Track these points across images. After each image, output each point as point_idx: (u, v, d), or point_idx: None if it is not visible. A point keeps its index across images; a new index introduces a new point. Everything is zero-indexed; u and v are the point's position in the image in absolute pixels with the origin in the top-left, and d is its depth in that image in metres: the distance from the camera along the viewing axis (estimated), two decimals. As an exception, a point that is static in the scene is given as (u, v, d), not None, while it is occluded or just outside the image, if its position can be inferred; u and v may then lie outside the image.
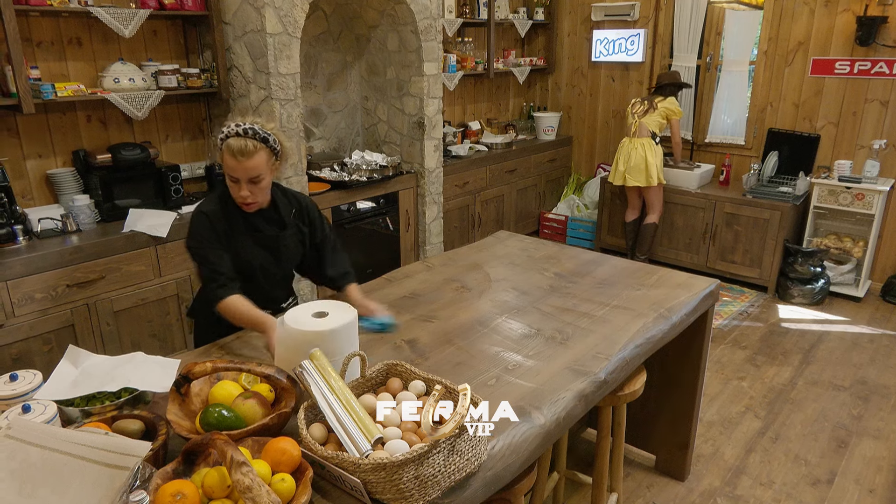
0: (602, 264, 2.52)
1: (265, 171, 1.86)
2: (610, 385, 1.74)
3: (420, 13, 3.96)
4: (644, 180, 4.58)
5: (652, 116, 4.53)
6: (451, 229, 4.78)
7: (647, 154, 4.53)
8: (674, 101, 4.55)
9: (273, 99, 3.27)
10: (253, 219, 1.98)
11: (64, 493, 1.08)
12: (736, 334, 3.97)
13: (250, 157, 1.79)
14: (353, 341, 1.58)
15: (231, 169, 1.83)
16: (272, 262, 2.03)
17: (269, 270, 2.04)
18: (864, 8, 4.17)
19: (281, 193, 2.06)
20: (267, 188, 1.93)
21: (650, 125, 4.53)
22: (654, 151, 4.54)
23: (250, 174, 1.82)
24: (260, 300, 1.90)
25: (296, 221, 2.08)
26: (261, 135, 1.82)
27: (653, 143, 4.54)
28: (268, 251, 2.01)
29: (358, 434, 1.22)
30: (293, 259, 2.11)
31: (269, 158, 1.86)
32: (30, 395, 1.41)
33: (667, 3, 5.09)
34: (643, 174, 4.57)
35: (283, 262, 2.07)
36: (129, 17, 2.95)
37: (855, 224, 4.45)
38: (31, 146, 3.03)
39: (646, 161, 4.54)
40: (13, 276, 2.60)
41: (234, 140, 1.79)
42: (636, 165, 4.58)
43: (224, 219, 1.94)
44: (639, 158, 4.56)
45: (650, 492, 2.60)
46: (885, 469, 2.72)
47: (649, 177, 4.56)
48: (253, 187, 1.86)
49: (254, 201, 1.90)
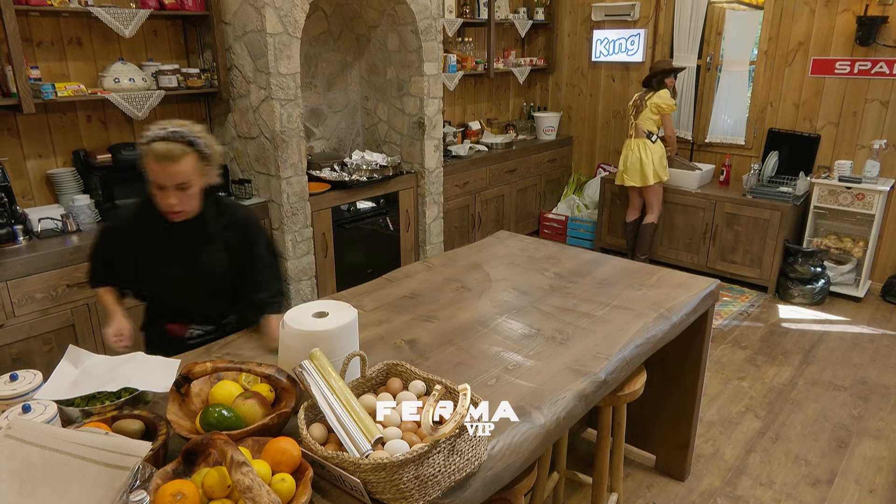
0: (602, 264, 2.52)
1: (194, 176, 1.72)
2: (610, 385, 1.74)
3: (420, 13, 3.96)
4: (639, 180, 4.60)
5: (644, 115, 4.52)
6: (451, 229, 4.78)
7: (641, 154, 4.55)
8: (663, 95, 4.46)
9: (273, 99, 3.27)
10: (176, 229, 1.83)
11: (64, 493, 1.08)
12: (736, 334, 3.97)
13: (177, 161, 1.66)
14: (353, 341, 1.58)
15: (156, 175, 1.68)
16: (189, 277, 1.88)
17: (185, 286, 1.89)
18: (865, 8, 4.17)
19: (213, 204, 1.89)
20: (196, 195, 1.78)
21: (645, 124, 4.53)
22: (648, 151, 4.53)
23: (177, 180, 1.69)
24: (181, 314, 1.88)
25: (225, 236, 1.90)
26: (188, 138, 1.69)
27: (648, 142, 4.53)
28: (185, 266, 1.87)
29: (358, 434, 1.22)
30: (216, 275, 1.92)
31: (199, 163, 1.73)
32: (30, 395, 1.41)
33: (667, 3, 5.09)
34: (638, 174, 4.59)
35: (204, 278, 1.90)
36: (129, 17, 2.95)
37: (855, 224, 4.45)
38: (31, 146, 3.03)
39: (640, 161, 4.55)
40: (13, 276, 2.60)
41: (159, 144, 1.66)
42: (632, 166, 4.62)
43: (141, 229, 1.82)
44: (634, 159, 4.59)
45: (650, 492, 2.60)
46: (885, 469, 2.72)
47: (644, 177, 4.57)
48: (181, 195, 1.72)
49: (181, 209, 1.76)
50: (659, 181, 4.61)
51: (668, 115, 4.51)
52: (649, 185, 4.59)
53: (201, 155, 1.72)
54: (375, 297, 2.18)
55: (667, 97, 4.46)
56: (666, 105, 4.45)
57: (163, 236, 1.84)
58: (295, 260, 3.58)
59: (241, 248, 1.93)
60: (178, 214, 1.77)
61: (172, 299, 1.94)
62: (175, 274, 1.86)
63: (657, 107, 4.46)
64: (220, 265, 1.91)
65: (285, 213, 3.46)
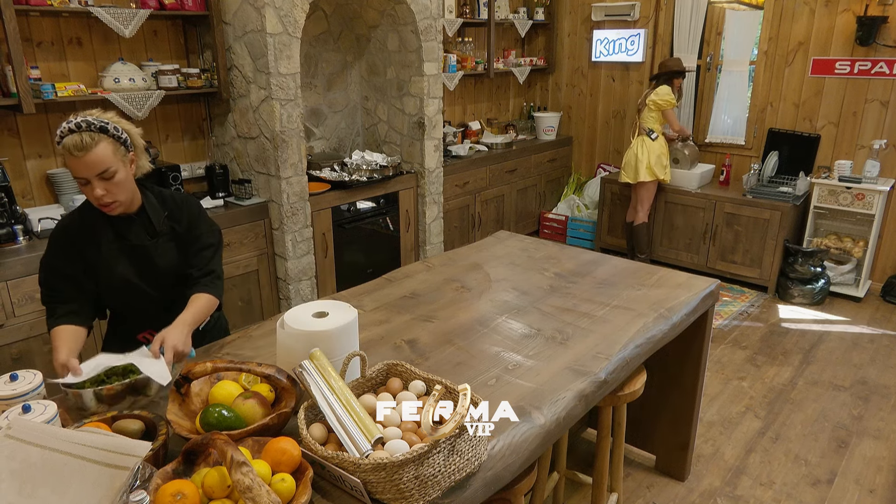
0: (602, 264, 2.52)
1: (114, 163, 1.65)
2: (610, 385, 1.74)
3: (420, 13, 3.96)
4: (632, 177, 4.64)
5: (644, 113, 4.54)
6: (451, 229, 4.78)
7: (637, 151, 4.58)
8: (661, 92, 4.44)
9: (273, 99, 3.27)
10: (119, 226, 1.79)
11: (64, 493, 1.08)
12: (736, 334, 3.97)
13: (89, 150, 1.60)
14: (353, 341, 1.58)
15: (74, 170, 1.62)
16: (140, 276, 1.82)
17: (139, 286, 1.83)
18: (865, 8, 4.17)
19: (153, 196, 1.84)
20: (126, 184, 1.71)
21: (646, 122, 4.54)
22: (644, 148, 4.54)
23: (96, 169, 1.62)
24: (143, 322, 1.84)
25: (169, 224, 1.85)
26: (96, 125, 1.63)
27: (647, 139, 4.54)
28: (135, 264, 1.81)
29: (358, 434, 1.22)
30: (170, 270, 1.85)
31: (116, 149, 1.66)
32: (30, 395, 1.41)
33: (667, 3, 5.09)
34: (632, 170, 4.62)
35: (158, 276, 1.84)
36: (129, 17, 2.95)
37: (855, 224, 4.45)
38: (31, 146, 3.03)
39: (636, 157, 4.58)
40: (13, 275, 2.60)
41: (69, 138, 1.60)
42: (628, 162, 4.66)
43: (88, 229, 1.77)
44: (631, 156, 4.63)
45: (650, 492, 2.60)
46: (885, 469, 2.72)
47: (636, 173, 4.59)
48: (107, 184, 1.65)
49: (113, 200, 1.69)
50: (654, 179, 4.59)
51: (669, 110, 4.49)
52: (640, 181, 4.60)
53: (115, 140, 1.67)
54: (375, 297, 2.18)
55: (665, 93, 4.44)
56: (663, 101, 4.43)
57: (112, 234, 1.79)
58: (295, 260, 3.58)
59: (186, 233, 1.87)
60: (112, 207, 1.70)
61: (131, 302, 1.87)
62: (129, 274, 1.81)
63: (654, 103, 4.46)
64: (171, 257, 1.86)
65: (285, 213, 3.46)
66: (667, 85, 4.48)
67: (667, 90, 4.45)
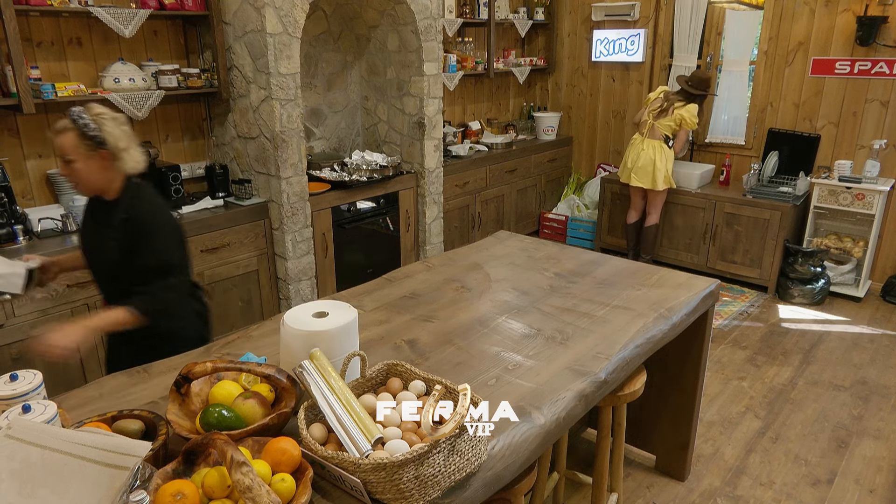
0: (602, 264, 2.52)
1: (74, 154, 1.83)
2: (610, 385, 1.74)
3: (420, 13, 3.96)
4: (649, 183, 4.57)
5: (665, 121, 4.47)
6: (451, 229, 4.78)
7: (655, 158, 4.50)
8: (692, 110, 4.43)
9: (273, 99, 3.27)
10: (96, 205, 2.02)
11: (64, 493, 1.08)
12: (736, 334, 3.97)
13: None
14: (353, 341, 1.58)
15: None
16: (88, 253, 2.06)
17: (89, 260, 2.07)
18: (865, 8, 4.17)
19: (130, 197, 1.94)
20: (84, 175, 1.87)
21: (662, 128, 4.47)
22: (664, 156, 4.49)
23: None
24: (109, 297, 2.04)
25: (121, 228, 1.92)
26: (74, 117, 1.83)
27: (665, 146, 4.49)
28: (87, 241, 2.06)
29: (358, 434, 1.22)
30: (105, 262, 1.98)
31: (80, 143, 1.83)
32: (30, 395, 1.41)
33: (667, 3, 5.09)
34: (649, 177, 4.55)
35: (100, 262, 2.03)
36: (129, 17, 2.95)
37: (855, 224, 4.45)
38: (31, 146, 3.03)
39: (654, 164, 4.50)
40: (13, 276, 2.60)
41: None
42: (643, 167, 4.55)
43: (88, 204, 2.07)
44: (647, 160, 4.53)
45: (650, 492, 2.60)
46: (885, 469, 2.72)
47: (654, 181, 4.54)
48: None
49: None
50: (668, 187, 4.60)
51: (687, 130, 4.48)
52: (658, 189, 4.58)
53: (82, 136, 1.83)
54: (375, 297, 2.18)
55: (694, 113, 4.43)
56: (691, 120, 4.43)
57: (90, 210, 2.06)
58: (295, 260, 3.58)
59: (128, 246, 1.91)
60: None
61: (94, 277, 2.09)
62: (85, 246, 2.07)
63: (683, 119, 4.42)
64: (112, 253, 1.95)
65: (285, 213, 3.46)
66: (696, 104, 4.46)
67: (696, 110, 4.45)
